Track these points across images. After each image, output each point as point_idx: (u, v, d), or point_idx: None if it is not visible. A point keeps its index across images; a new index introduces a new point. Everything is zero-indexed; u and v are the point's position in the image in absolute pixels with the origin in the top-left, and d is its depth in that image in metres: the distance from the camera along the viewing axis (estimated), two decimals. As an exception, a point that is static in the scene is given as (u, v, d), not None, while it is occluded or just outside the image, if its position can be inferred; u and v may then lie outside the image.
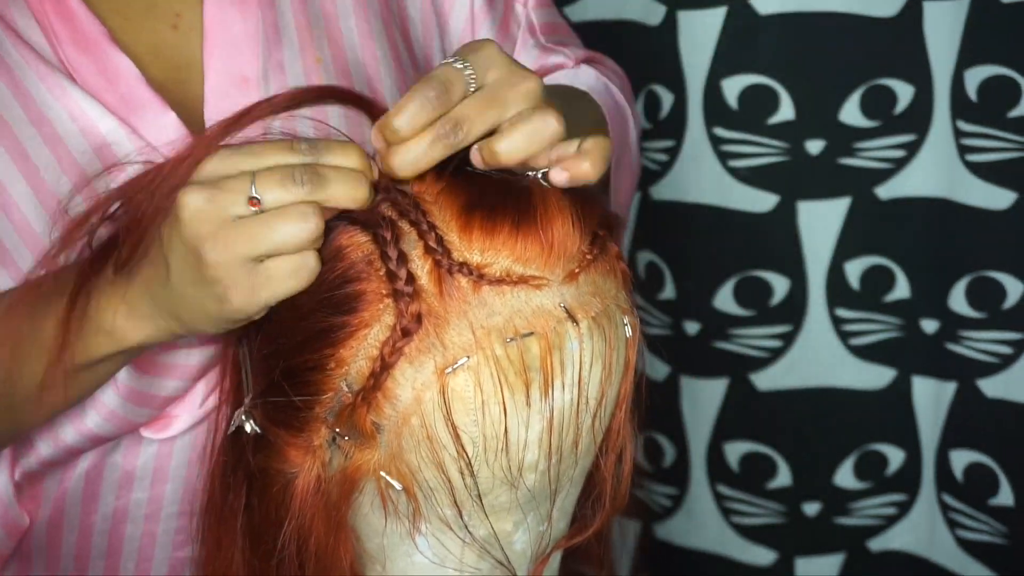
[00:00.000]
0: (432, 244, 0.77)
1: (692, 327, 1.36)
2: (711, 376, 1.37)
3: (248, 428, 0.83)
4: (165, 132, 0.91)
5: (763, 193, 1.30)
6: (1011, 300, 1.23)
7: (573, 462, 0.82)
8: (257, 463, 0.83)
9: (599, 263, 0.81)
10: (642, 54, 1.31)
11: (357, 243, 0.78)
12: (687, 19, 1.27)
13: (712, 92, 1.28)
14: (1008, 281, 1.22)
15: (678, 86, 1.29)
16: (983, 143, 1.20)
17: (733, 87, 1.27)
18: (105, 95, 0.92)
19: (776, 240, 1.31)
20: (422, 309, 0.76)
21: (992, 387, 1.25)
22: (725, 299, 1.34)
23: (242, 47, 0.95)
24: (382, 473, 0.79)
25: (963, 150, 1.22)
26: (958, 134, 1.22)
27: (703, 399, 1.38)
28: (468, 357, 0.76)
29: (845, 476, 1.35)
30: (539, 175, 0.81)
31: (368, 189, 0.78)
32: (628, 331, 0.82)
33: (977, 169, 1.21)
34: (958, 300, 1.25)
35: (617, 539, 1.11)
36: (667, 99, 1.30)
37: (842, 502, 1.36)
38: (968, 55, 1.19)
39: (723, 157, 1.29)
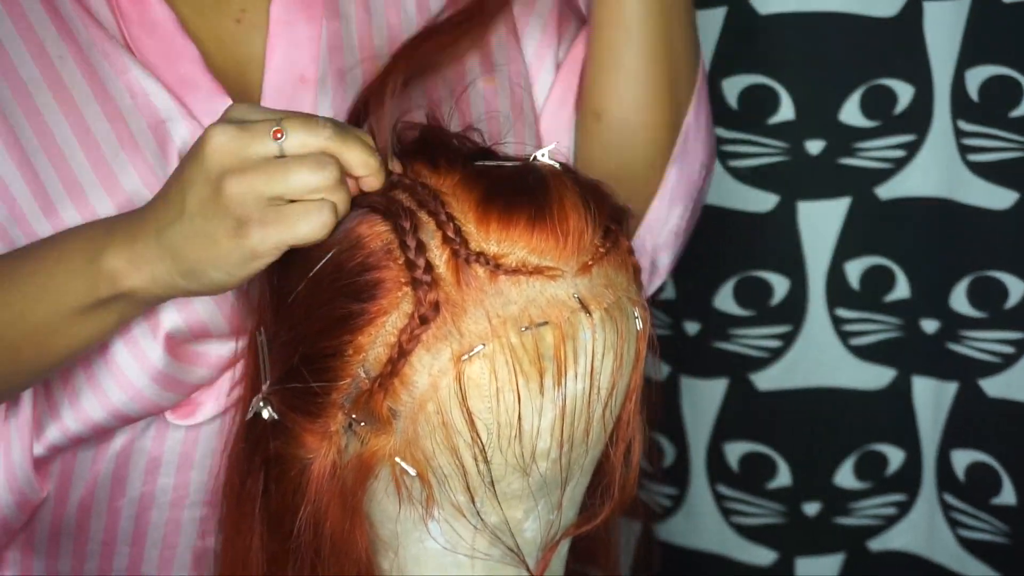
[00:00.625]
0: (450, 234, 0.79)
1: (692, 327, 1.36)
2: (711, 376, 1.36)
3: (266, 414, 0.84)
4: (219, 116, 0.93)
5: (763, 193, 1.30)
6: (1013, 300, 1.23)
7: (584, 451, 0.84)
8: (274, 449, 0.84)
9: (612, 256, 0.83)
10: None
11: (376, 232, 0.80)
12: (687, 19, 1.27)
13: (712, 92, 1.28)
14: (1010, 281, 1.23)
15: (678, 86, 1.29)
16: (984, 143, 1.20)
17: (733, 87, 1.27)
18: (165, 74, 0.94)
19: (776, 240, 1.31)
20: (440, 297, 0.78)
21: (994, 387, 1.25)
22: (725, 299, 1.34)
23: (304, 48, 0.97)
24: (397, 459, 0.80)
25: (964, 150, 1.22)
26: (959, 134, 1.22)
27: (703, 399, 1.37)
28: (484, 345, 0.78)
29: (845, 476, 1.35)
30: (544, 156, 0.84)
31: (381, 164, 0.81)
32: (639, 324, 0.84)
33: (978, 169, 1.21)
34: (959, 300, 1.25)
35: (627, 539, 1.12)
36: (667, 99, 1.30)
37: (842, 502, 1.36)
38: (969, 55, 1.19)
39: (723, 157, 1.29)
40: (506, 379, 0.79)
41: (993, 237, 1.22)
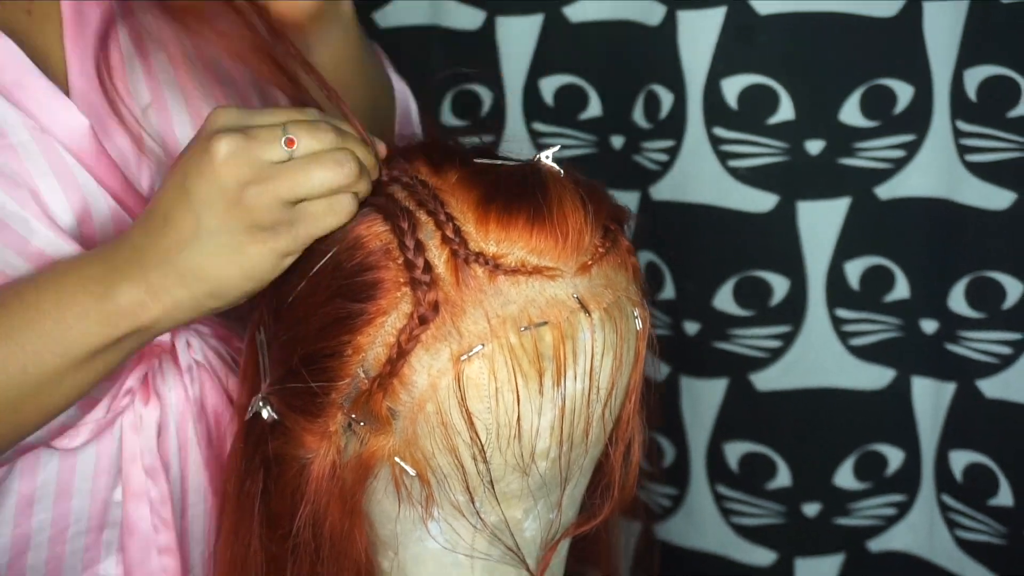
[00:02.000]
0: (449, 234, 0.79)
1: (692, 327, 1.36)
2: (711, 376, 1.36)
3: (265, 414, 0.84)
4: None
5: (763, 193, 1.29)
6: (1011, 300, 1.23)
7: (584, 451, 0.84)
8: (274, 449, 0.85)
9: (611, 256, 0.83)
10: (642, 54, 1.31)
11: (375, 232, 0.80)
12: (687, 19, 1.27)
13: (712, 92, 1.28)
14: (1008, 281, 1.22)
15: (678, 86, 1.29)
16: (983, 143, 1.20)
17: (733, 87, 1.27)
18: None
19: (776, 240, 1.31)
20: (439, 297, 0.78)
21: (992, 387, 1.25)
22: (725, 299, 1.33)
23: (99, 34, 0.94)
24: (396, 459, 0.81)
25: (963, 150, 1.22)
26: (958, 134, 1.22)
27: (703, 399, 1.37)
28: (483, 345, 0.78)
29: (845, 476, 1.35)
30: (547, 158, 0.84)
31: (376, 157, 0.82)
32: (639, 323, 0.84)
33: (977, 169, 1.21)
34: (958, 300, 1.25)
35: (626, 539, 1.12)
36: (667, 99, 1.30)
37: (842, 502, 1.36)
38: (968, 55, 1.19)
39: (723, 157, 1.29)
40: (505, 379, 0.79)
41: (992, 237, 1.22)
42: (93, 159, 0.91)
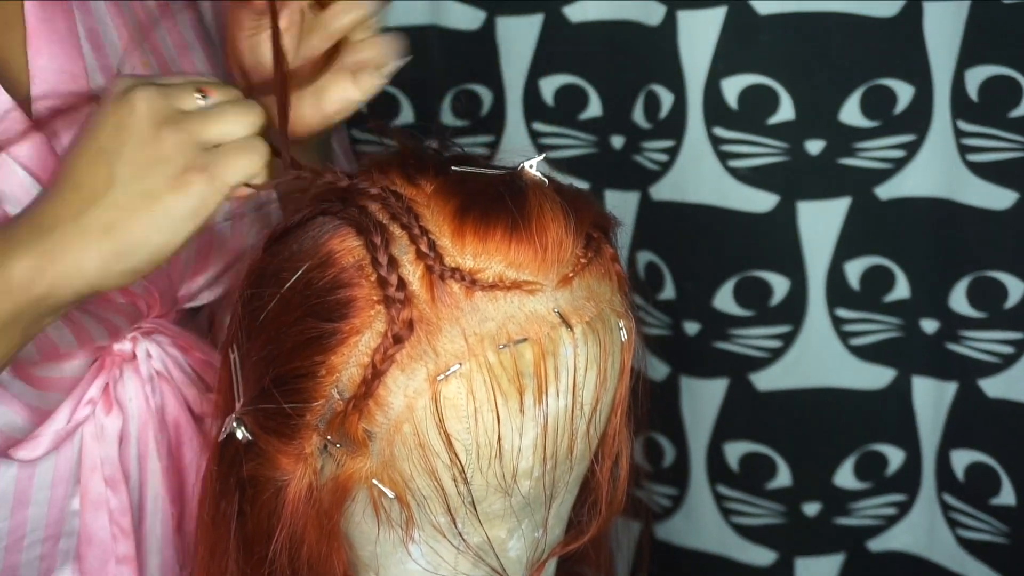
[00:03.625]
0: (424, 249, 0.77)
1: (692, 327, 1.36)
2: (711, 376, 1.36)
3: (239, 435, 0.82)
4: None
5: (763, 193, 1.29)
6: (1012, 300, 1.23)
7: (568, 468, 0.82)
8: (248, 471, 0.82)
9: (594, 266, 0.80)
10: (642, 54, 1.31)
11: (348, 248, 0.78)
12: (687, 19, 1.27)
13: (712, 92, 1.28)
14: (1009, 281, 1.22)
15: (678, 86, 1.29)
16: (983, 143, 1.20)
17: (733, 87, 1.27)
18: None
19: (776, 240, 1.31)
20: (414, 315, 0.76)
21: (993, 387, 1.25)
22: (725, 299, 1.33)
23: (67, 43, 0.93)
24: (374, 481, 0.78)
25: (963, 150, 1.22)
26: (958, 134, 1.22)
27: (703, 399, 1.37)
28: (460, 364, 0.76)
29: (845, 476, 1.35)
30: (531, 167, 0.81)
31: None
32: (624, 335, 0.81)
33: (978, 169, 1.21)
34: (959, 300, 1.25)
35: (616, 539, 1.11)
36: (667, 99, 1.30)
37: (842, 502, 1.36)
38: (968, 55, 1.19)
39: (723, 157, 1.29)
40: (484, 399, 0.76)
41: (993, 237, 1.22)
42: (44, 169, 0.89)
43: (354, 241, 0.77)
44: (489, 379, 0.76)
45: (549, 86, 1.35)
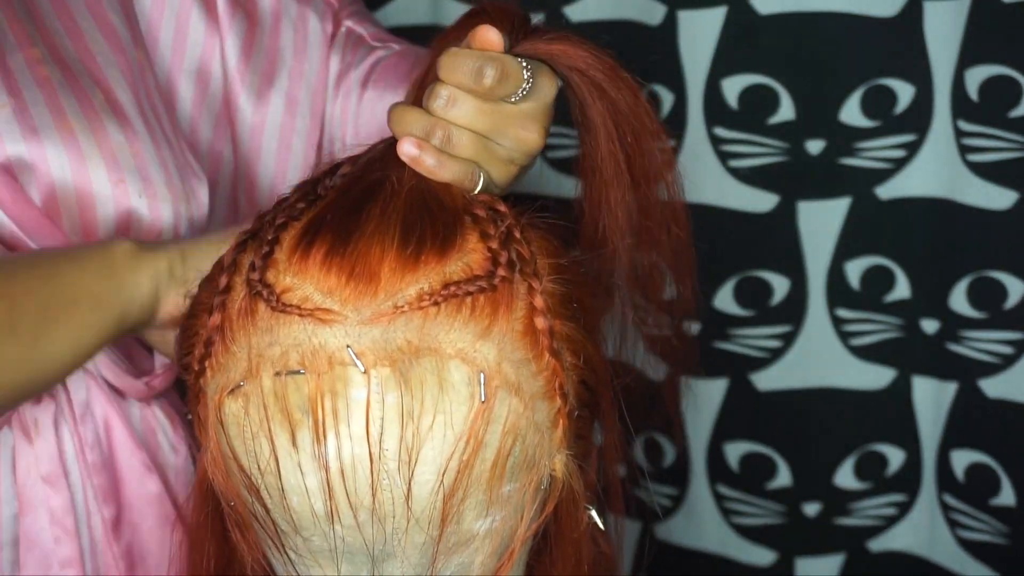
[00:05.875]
0: (257, 260, 0.75)
1: (692, 327, 1.35)
2: (711, 376, 1.36)
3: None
4: None
5: (763, 193, 1.29)
6: (1012, 300, 1.23)
7: (410, 526, 0.73)
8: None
9: (449, 307, 0.72)
10: (642, 54, 1.31)
11: (230, 247, 0.79)
12: (687, 19, 1.27)
13: (712, 92, 1.28)
14: (1009, 281, 1.22)
15: (678, 86, 1.29)
16: (984, 143, 1.20)
17: (733, 87, 1.27)
18: None
19: (776, 240, 1.31)
20: (222, 323, 0.75)
21: (993, 387, 1.25)
22: (725, 299, 1.33)
23: None
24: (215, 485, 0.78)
25: (964, 150, 1.22)
26: (959, 134, 1.22)
27: (703, 399, 1.37)
28: (243, 383, 0.73)
29: (845, 476, 1.35)
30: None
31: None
32: (481, 396, 0.71)
33: (978, 169, 1.21)
34: (959, 300, 1.25)
35: (616, 539, 1.10)
36: (667, 99, 1.30)
37: (842, 502, 1.36)
38: (968, 55, 1.19)
39: (723, 157, 1.29)
40: (258, 424, 0.72)
41: (993, 237, 1.22)
42: None
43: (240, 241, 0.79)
44: (262, 405, 0.72)
45: (549, 86, 1.35)
